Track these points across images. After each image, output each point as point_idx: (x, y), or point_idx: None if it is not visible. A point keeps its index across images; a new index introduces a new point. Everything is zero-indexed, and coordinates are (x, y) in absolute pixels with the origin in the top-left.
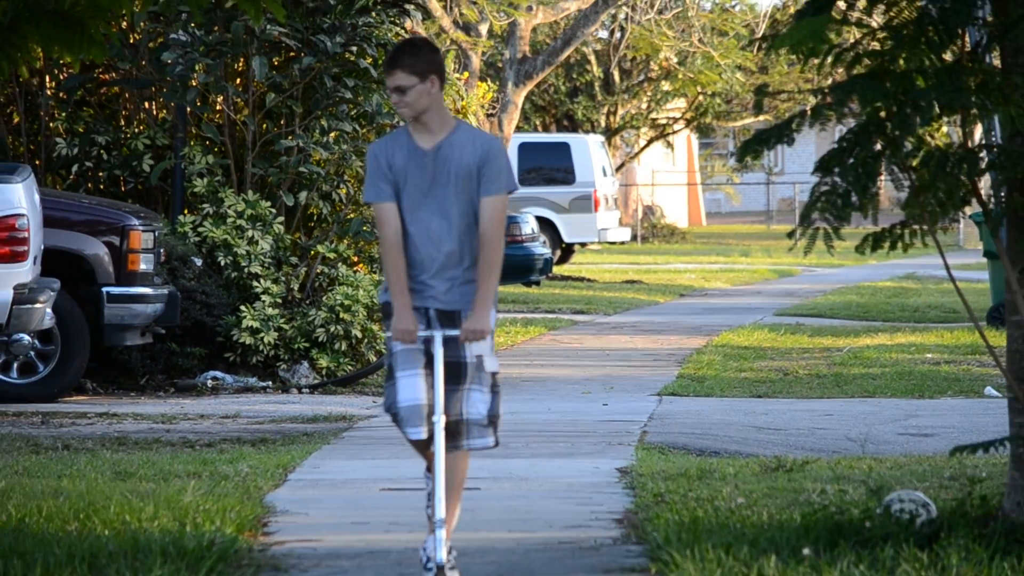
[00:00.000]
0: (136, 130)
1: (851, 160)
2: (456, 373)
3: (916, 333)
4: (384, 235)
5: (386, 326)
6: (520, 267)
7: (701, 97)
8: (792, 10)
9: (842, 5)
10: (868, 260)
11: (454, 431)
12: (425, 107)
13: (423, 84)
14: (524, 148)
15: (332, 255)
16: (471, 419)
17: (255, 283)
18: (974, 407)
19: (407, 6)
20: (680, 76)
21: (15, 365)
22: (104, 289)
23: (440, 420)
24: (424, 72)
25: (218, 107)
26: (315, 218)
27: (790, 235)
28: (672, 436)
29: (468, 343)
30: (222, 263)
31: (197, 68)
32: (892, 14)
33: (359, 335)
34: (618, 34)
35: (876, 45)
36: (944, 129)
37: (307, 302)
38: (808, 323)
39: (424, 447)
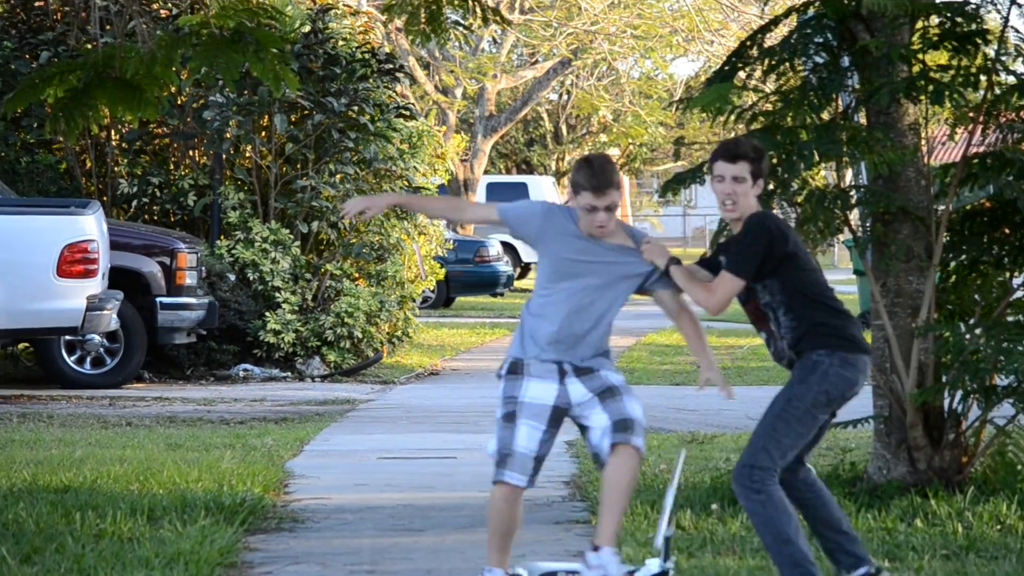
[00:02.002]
0: (182, 173)
1: None
2: (610, 390)
3: None
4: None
5: (510, 379)
6: (488, 282)
7: (631, 147)
8: (703, 78)
9: (743, 75)
10: None
11: (626, 426)
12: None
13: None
14: (491, 187)
15: (338, 272)
16: (636, 418)
17: (277, 294)
18: None
19: (398, 74)
20: (615, 130)
21: (88, 359)
22: (157, 299)
23: (682, 453)
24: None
25: (247, 154)
26: (324, 242)
27: (703, 257)
28: None
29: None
30: (251, 278)
31: (231, 124)
32: (782, 82)
33: (360, 335)
34: (565, 96)
35: (769, 106)
36: (823, 173)
37: (318, 309)
38: (716, 326)
39: (515, 496)
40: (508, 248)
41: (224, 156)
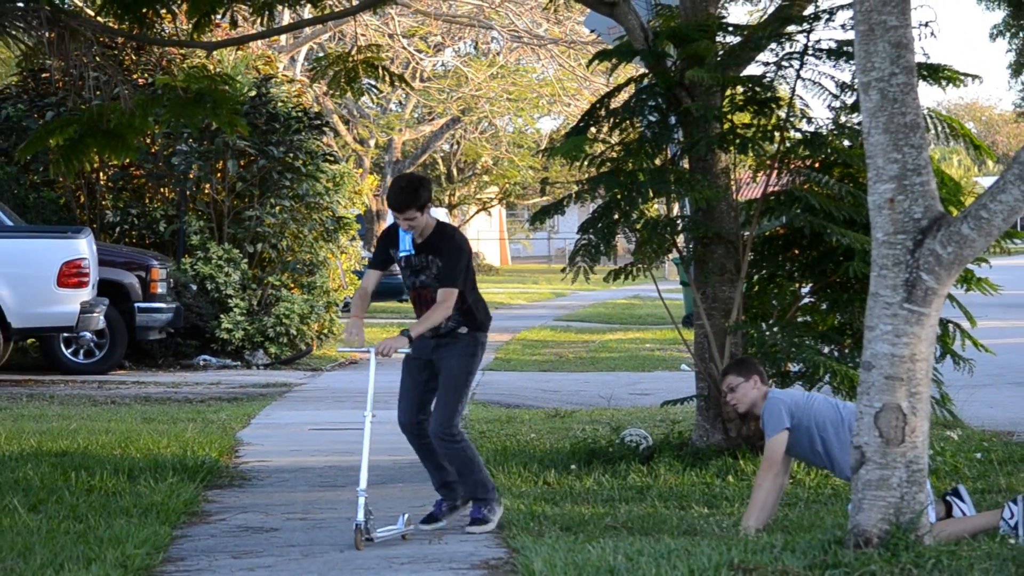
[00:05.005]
0: (155, 205)
1: (600, 224)
2: None
3: (640, 331)
4: None
5: None
6: (394, 290)
7: (507, 185)
8: (563, 133)
9: (593, 130)
10: (611, 286)
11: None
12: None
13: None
14: None
15: (278, 283)
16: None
17: (230, 300)
18: (675, 377)
19: (324, 128)
20: (494, 172)
21: (81, 351)
22: (136, 304)
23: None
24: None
25: (206, 191)
26: (267, 260)
27: (563, 271)
28: (491, 396)
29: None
30: (208, 288)
31: (193, 167)
32: (624, 136)
33: (294, 333)
34: (456, 146)
35: (614, 154)
36: (656, 206)
37: (262, 312)
38: (574, 325)
39: None
40: None
41: (188, 192)
